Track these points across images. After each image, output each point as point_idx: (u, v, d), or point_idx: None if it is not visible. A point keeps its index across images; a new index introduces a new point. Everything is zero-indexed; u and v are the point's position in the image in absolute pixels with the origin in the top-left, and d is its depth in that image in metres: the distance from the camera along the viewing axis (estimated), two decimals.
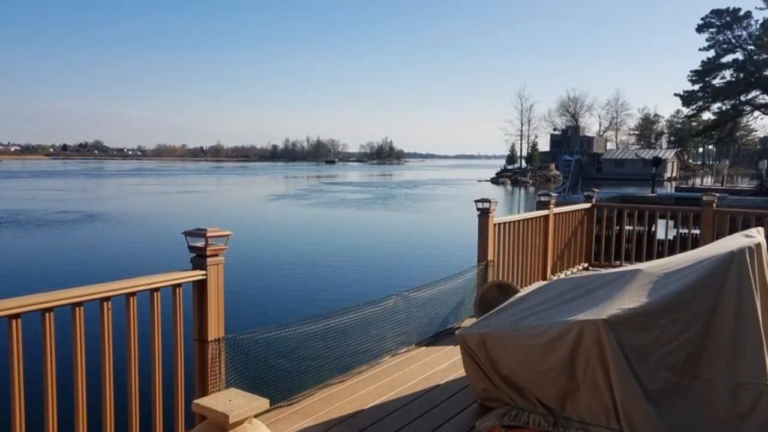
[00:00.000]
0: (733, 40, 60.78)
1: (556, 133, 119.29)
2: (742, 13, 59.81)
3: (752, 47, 59.65)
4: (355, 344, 5.72)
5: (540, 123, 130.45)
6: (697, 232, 10.07)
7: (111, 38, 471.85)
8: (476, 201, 7.73)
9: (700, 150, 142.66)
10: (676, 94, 64.36)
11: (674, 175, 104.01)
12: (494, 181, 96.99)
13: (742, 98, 60.52)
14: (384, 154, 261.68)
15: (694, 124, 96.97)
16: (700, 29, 61.95)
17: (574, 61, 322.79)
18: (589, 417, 4.04)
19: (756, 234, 4.34)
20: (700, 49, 62.16)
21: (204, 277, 4.20)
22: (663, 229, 10.41)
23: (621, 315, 3.88)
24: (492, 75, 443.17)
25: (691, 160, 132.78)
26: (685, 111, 72.80)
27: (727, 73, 61.05)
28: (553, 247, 9.43)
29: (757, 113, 62.39)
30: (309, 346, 5.18)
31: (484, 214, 7.69)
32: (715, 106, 63.83)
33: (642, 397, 3.77)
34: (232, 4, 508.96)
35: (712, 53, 61.63)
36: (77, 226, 30.46)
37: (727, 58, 61.04)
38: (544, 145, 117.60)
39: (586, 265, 10.41)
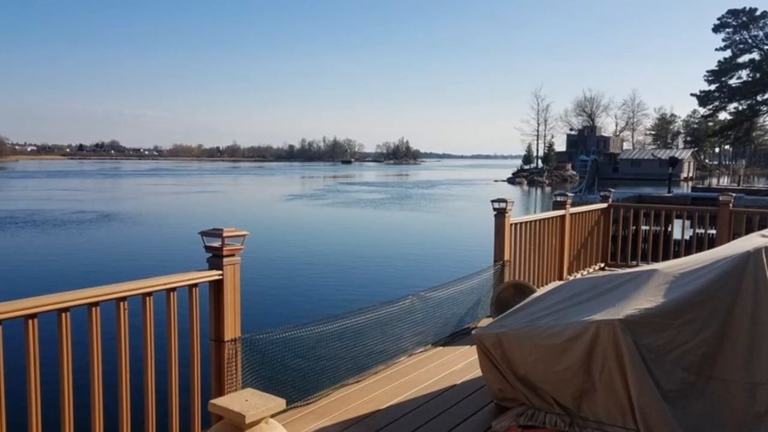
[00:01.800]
0: (750, 40, 60.48)
1: (573, 133, 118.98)
2: (758, 13, 59.53)
3: None
4: (372, 344, 5.72)
5: (556, 123, 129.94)
6: (714, 232, 10.00)
7: (127, 38, 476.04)
8: (492, 201, 7.71)
9: (717, 150, 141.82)
10: (692, 94, 64.23)
11: (690, 175, 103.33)
12: (510, 181, 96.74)
13: (759, 98, 60.18)
14: (400, 154, 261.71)
15: (710, 124, 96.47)
16: (716, 29, 61.68)
17: (590, 60, 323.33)
18: (605, 417, 4.03)
19: None
20: (716, 49, 61.97)
21: (220, 277, 4.21)
22: (679, 229, 10.34)
23: (637, 315, 3.87)
24: (508, 75, 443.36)
25: (707, 160, 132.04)
26: (702, 111, 72.67)
27: (744, 73, 60.81)
28: (570, 247, 9.40)
29: None
30: (325, 346, 5.19)
31: (500, 214, 7.67)
32: (732, 106, 63.58)
33: (658, 397, 3.76)
34: (247, 4, 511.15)
35: (728, 53, 61.43)
36: (93, 226, 30.62)
37: (744, 58, 60.79)
38: (560, 145, 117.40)
39: (602, 265, 10.36)
